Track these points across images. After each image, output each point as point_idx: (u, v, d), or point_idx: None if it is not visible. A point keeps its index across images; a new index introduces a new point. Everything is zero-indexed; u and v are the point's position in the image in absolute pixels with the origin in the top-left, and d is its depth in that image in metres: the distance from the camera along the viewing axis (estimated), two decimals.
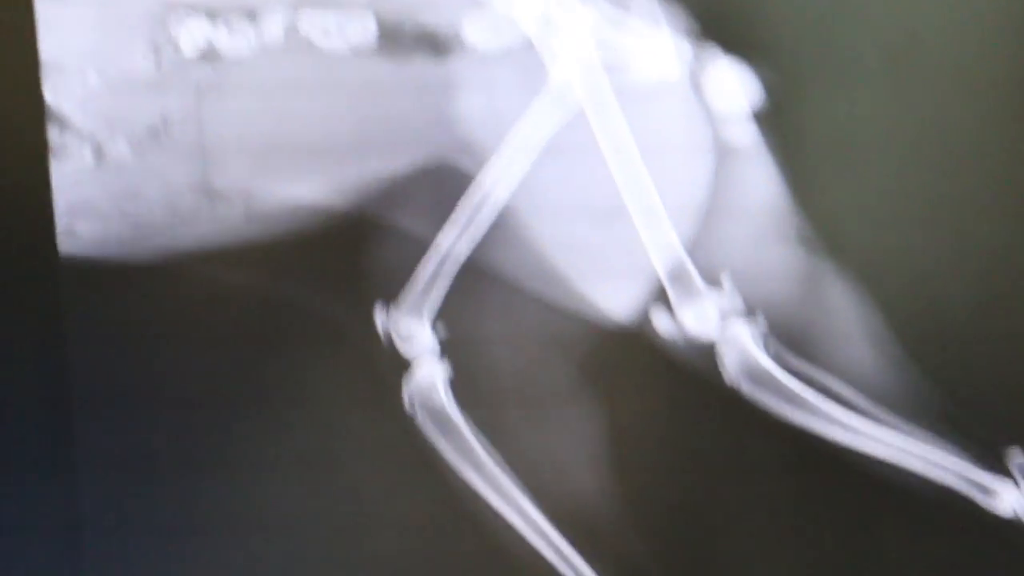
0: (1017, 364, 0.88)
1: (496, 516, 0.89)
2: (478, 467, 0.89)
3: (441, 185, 0.88)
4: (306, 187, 0.88)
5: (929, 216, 0.87)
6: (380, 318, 0.89)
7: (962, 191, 0.87)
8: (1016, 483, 0.88)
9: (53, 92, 0.88)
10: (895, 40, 0.86)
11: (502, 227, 0.89)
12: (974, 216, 0.87)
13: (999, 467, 0.88)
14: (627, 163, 0.88)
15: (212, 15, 0.87)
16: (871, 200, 0.87)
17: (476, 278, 0.89)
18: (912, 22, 0.86)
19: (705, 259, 0.88)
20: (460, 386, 0.89)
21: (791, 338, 0.88)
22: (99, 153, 0.88)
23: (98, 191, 0.88)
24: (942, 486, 0.88)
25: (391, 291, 0.89)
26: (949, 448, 0.88)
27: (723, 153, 0.88)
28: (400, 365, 0.89)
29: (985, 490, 0.88)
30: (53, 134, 0.88)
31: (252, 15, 0.87)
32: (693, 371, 0.89)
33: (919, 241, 0.88)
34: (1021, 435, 0.88)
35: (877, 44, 0.86)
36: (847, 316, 0.88)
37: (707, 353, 0.88)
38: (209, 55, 0.87)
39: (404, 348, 0.88)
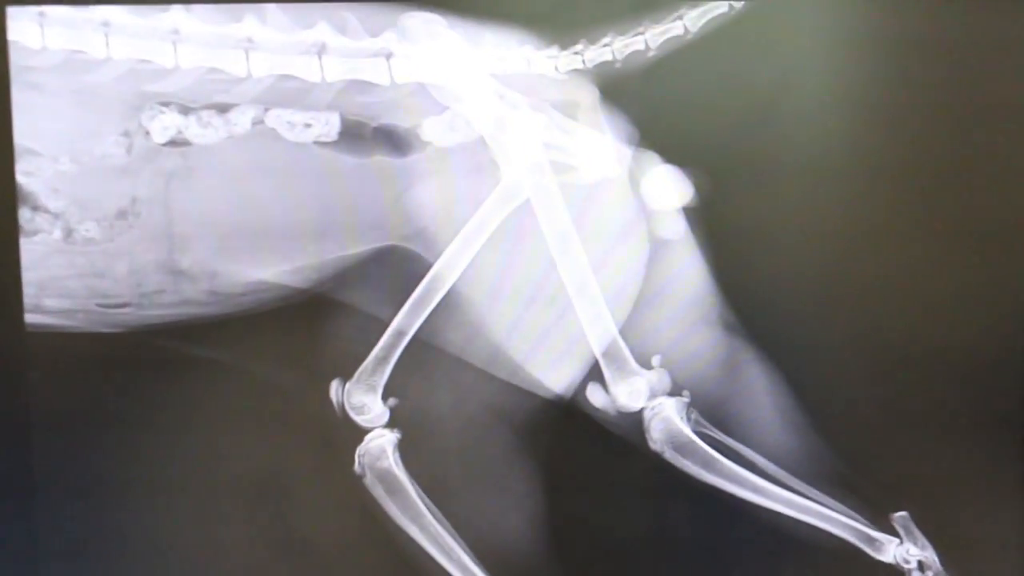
0: (903, 442, 1.01)
1: (438, 568, 1.01)
2: (422, 525, 1.01)
3: (395, 268, 1.00)
4: (267, 268, 0.99)
5: (834, 306, 1.00)
6: (335, 389, 1.00)
7: (862, 283, 1.00)
8: (899, 537, 1.02)
9: (25, 174, 0.97)
10: (806, 148, 1.00)
11: (451, 307, 1.00)
12: (873, 306, 1.01)
13: (885, 524, 1.02)
14: (569, 252, 1.00)
15: (184, 109, 0.97)
16: (786, 289, 1.00)
17: (425, 353, 1.00)
18: (820, 133, 0.99)
19: (638, 341, 1.01)
20: (407, 451, 1.01)
21: (711, 411, 1.01)
22: (68, 233, 0.98)
23: (66, 269, 0.98)
24: (837, 538, 1.01)
25: (346, 364, 1.00)
26: (844, 508, 1.01)
27: (656, 245, 1.00)
28: (353, 433, 1.00)
29: (872, 542, 1.02)
30: (24, 214, 0.97)
31: (222, 109, 0.97)
32: (622, 439, 1.01)
33: (824, 327, 1.01)
34: (903, 499, 1.02)
35: (790, 151, 1.00)
36: (761, 393, 1.00)
37: (636, 424, 1.01)
38: (178, 142, 0.98)
39: (356, 418, 1.00)
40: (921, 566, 1.03)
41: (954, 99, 1.00)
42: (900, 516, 1.02)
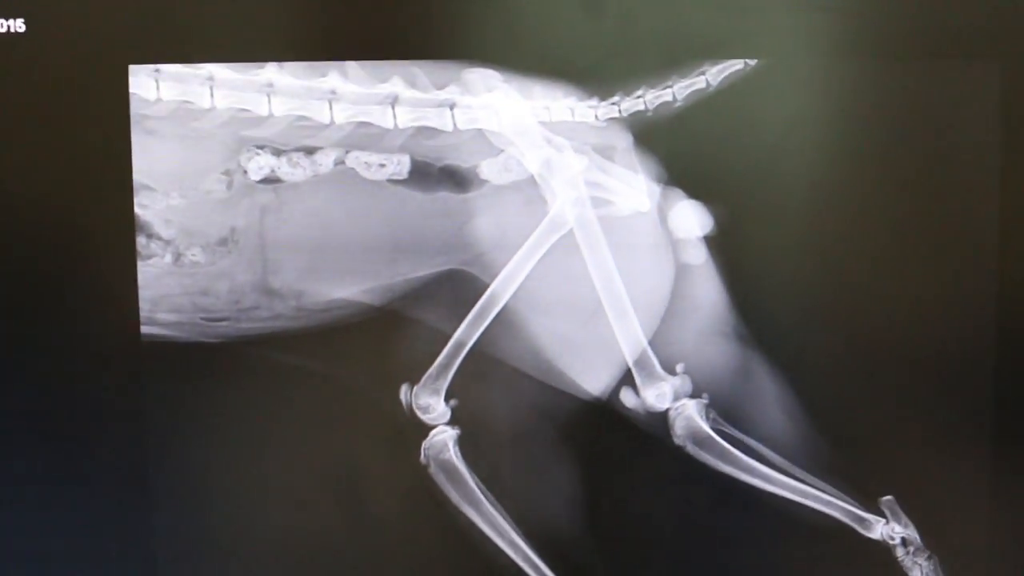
0: (889, 436, 1.07)
1: (492, 546, 1.07)
2: (478, 507, 1.07)
3: (457, 288, 1.05)
4: (347, 287, 1.04)
5: (831, 319, 1.06)
6: (404, 392, 1.06)
7: (856, 300, 1.06)
8: (886, 518, 1.08)
9: (142, 207, 1.03)
10: (810, 185, 1.05)
11: (505, 322, 1.06)
12: (865, 321, 1.06)
13: (874, 507, 1.08)
14: (606, 274, 1.05)
15: (276, 152, 1.03)
16: (792, 306, 1.06)
17: (482, 362, 1.06)
18: (822, 172, 1.05)
19: (664, 350, 1.06)
20: (466, 445, 1.07)
21: (726, 411, 1.07)
22: (177, 257, 1.04)
23: (175, 288, 1.04)
24: (833, 519, 1.08)
25: (414, 371, 1.06)
26: (838, 493, 1.08)
27: (680, 269, 1.05)
28: (419, 430, 1.06)
29: (863, 522, 1.08)
30: (141, 241, 1.03)
31: (309, 151, 1.04)
32: (650, 435, 1.07)
33: (822, 338, 1.06)
34: (889, 485, 1.08)
35: (797, 188, 1.05)
36: (769, 395, 1.06)
37: (662, 422, 1.07)
38: (271, 180, 1.04)
39: (422, 416, 1.06)
40: (904, 542, 1.08)
41: (932, 144, 1.05)
42: (887, 500, 1.08)
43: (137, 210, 1.04)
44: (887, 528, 1.09)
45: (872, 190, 1.06)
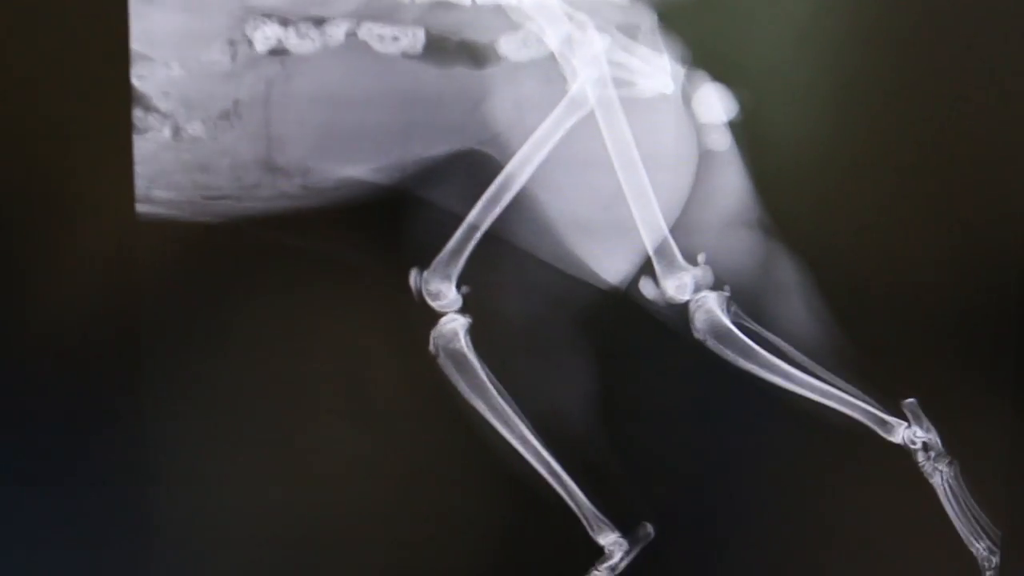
0: (915, 337, 1.08)
1: (502, 440, 1.06)
2: (488, 401, 1.06)
3: (471, 169, 1.03)
4: (356, 166, 1.02)
5: (857, 211, 1.06)
6: (414, 277, 1.04)
7: (882, 192, 1.06)
8: (907, 421, 1.09)
9: (140, 78, 1.00)
10: (840, 69, 1.05)
11: (520, 205, 1.04)
12: (893, 212, 1.07)
13: (896, 409, 1.09)
14: (627, 159, 1.04)
15: (284, 21, 1.00)
16: (817, 196, 1.06)
17: (496, 247, 1.05)
18: (853, 56, 1.05)
19: (685, 239, 1.06)
20: (477, 334, 1.05)
21: (748, 304, 1.07)
22: (176, 131, 1.01)
23: (174, 163, 1.01)
24: (853, 420, 1.09)
25: (424, 255, 1.04)
26: (860, 393, 1.08)
27: (704, 155, 1.05)
28: (428, 317, 1.05)
29: (884, 424, 1.09)
30: (137, 114, 1.00)
31: (319, 22, 1.00)
32: (670, 328, 1.07)
33: (849, 230, 1.06)
34: (912, 387, 1.09)
35: (826, 72, 1.05)
36: (792, 289, 1.06)
37: (681, 314, 1.07)
38: (278, 52, 1.00)
39: (433, 303, 1.04)
40: (925, 447, 1.09)
41: (972, 28, 1.05)
42: (909, 403, 1.09)
43: (134, 81, 1.01)
44: (908, 432, 1.10)
45: (908, 76, 1.06)
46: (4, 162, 1.01)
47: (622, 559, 1.10)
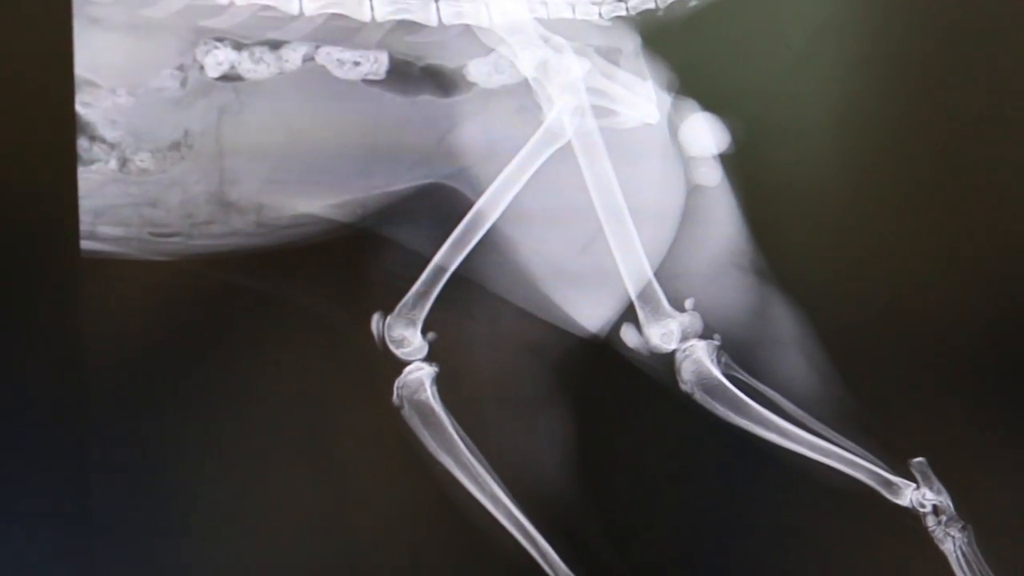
0: (924, 391, 1.04)
1: (470, 499, 1.02)
2: (457, 456, 1.02)
3: (438, 205, 1.01)
4: (314, 201, 1.00)
5: (861, 255, 1.03)
6: (376, 322, 1.01)
7: (888, 233, 1.03)
8: (916, 482, 1.04)
9: (84, 106, 0.97)
10: (837, 98, 1.02)
11: (491, 245, 1.01)
12: (898, 255, 1.03)
13: (903, 469, 1.04)
14: (608, 195, 1.01)
15: (237, 45, 0.98)
16: (816, 237, 1.03)
17: (465, 289, 1.01)
18: (850, 84, 1.02)
19: (672, 283, 1.02)
20: (444, 385, 1.02)
21: (740, 354, 1.03)
22: (123, 163, 0.98)
23: (121, 197, 0.98)
24: (856, 481, 1.04)
25: (388, 299, 1.01)
26: (863, 452, 1.04)
27: (692, 191, 1.02)
28: (392, 366, 1.01)
29: (890, 486, 1.04)
30: (82, 144, 0.97)
31: (274, 46, 0.98)
32: (654, 380, 1.03)
33: (851, 276, 1.03)
34: (922, 445, 1.04)
35: (822, 101, 1.02)
36: (789, 338, 1.03)
37: (667, 365, 1.03)
38: (231, 78, 0.98)
39: (396, 351, 1.01)
40: (936, 510, 1.04)
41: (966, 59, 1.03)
42: (918, 462, 1.04)
43: (78, 108, 0.98)
44: (917, 494, 1.05)
45: (907, 106, 1.04)
46: None
47: None
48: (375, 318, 1.01)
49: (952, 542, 1.05)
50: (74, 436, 1.01)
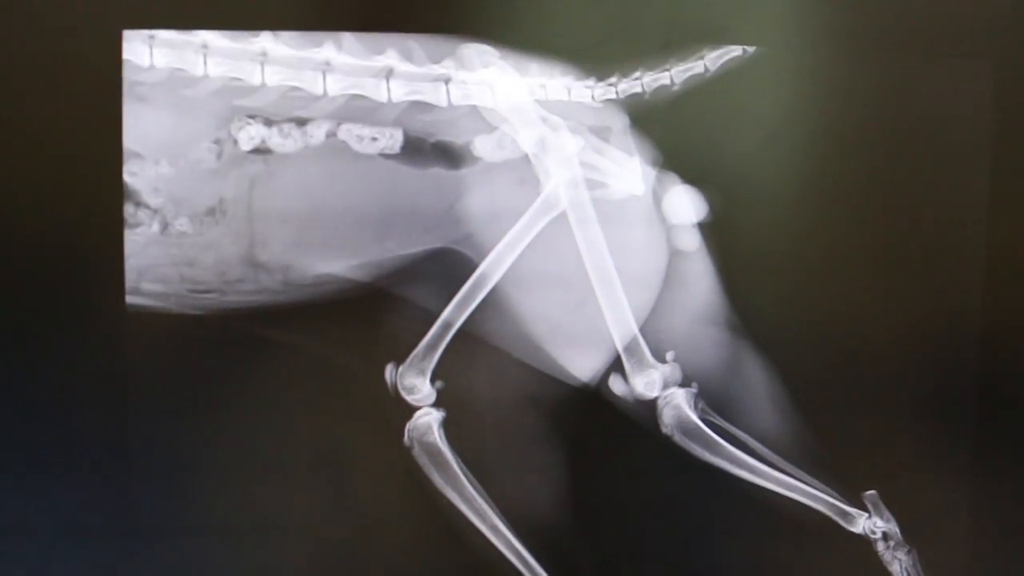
0: (875, 431, 1.09)
1: (474, 531, 1.06)
2: (461, 492, 1.05)
3: (446, 267, 1.04)
4: (335, 263, 1.03)
5: (821, 310, 1.07)
6: (389, 372, 1.04)
7: (845, 292, 1.07)
8: (868, 512, 1.09)
9: (131, 175, 1.01)
10: (804, 173, 1.06)
11: (494, 303, 1.05)
12: (854, 312, 1.07)
13: (857, 501, 1.09)
14: (598, 259, 1.04)
15: (268, 121, 1.02)
16: (783, 296, 1.06)
17: (470, 343, 1.05)
18: (816, 160, 1.06)
19: (654, 337, 1.06)
20: (451, 428, 1.05)
21: (715, 400, 1.07)
22: (165, 226, 1.02)
23: (162, 257, 1.02)
24: (816, 512, 1.08)
25: (400, 350, 1.04)
26: (823, 486, 1.08)
27: (674, 255, 1.06)
28: (403, 410, 1.05)
29: (846, 516, 1.08)
30: (128, 209, 1.01)
31: (301, 122, 1.02)
32: (638, 423, 1.07)
33: (812, 329, 1.07)
34: (872, 479, 1.09)
35: (791, 176, 1.06)
36: (758, 386, 1.07)
37: (650, 410, 1.06)
38: (261, 151, 1.02)
39: (407, 397, 1.05)
40: (885, 536, 1.09)
41: (924, 139, 1.07)
42: (870, 494, 1.09)
43: (126, 177, 1.02)
44: (869, 522, 1.10)
45: (866, 182, 1.08)
46: (1, 255, 1.03)
47: None
48: (389, 368, 1.05)
49: (899, 564, 1.10)
50: (119, 470, 1.05)
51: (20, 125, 1.02)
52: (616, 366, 1.07)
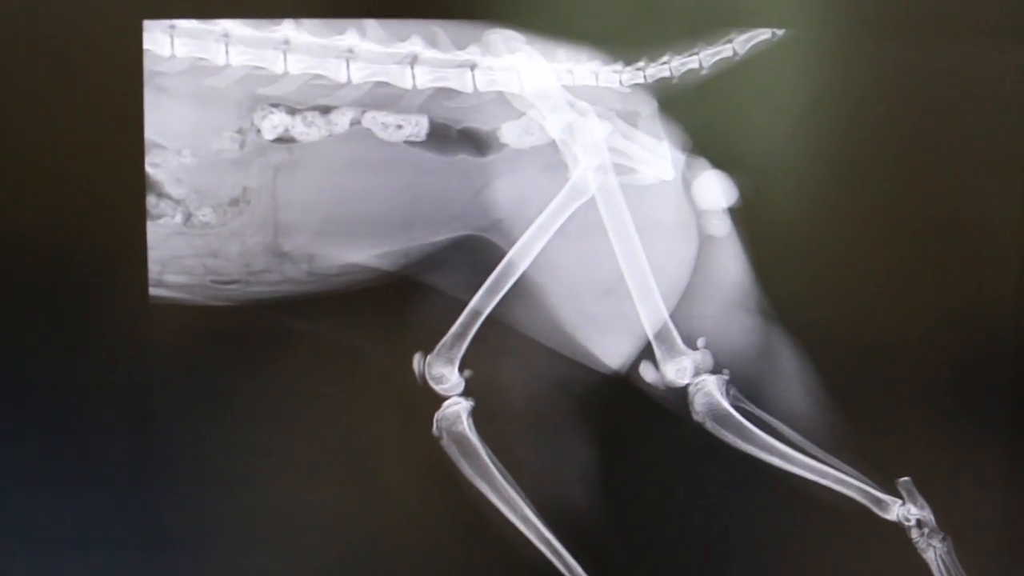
0: (909, 416, 1.08)
1: (503, 519, 1.06)
2: (491, 481, 1.05)
3: (474, 255, 1.03)
4: (360, 252, 1.03)
5: (854, 296, 1.06)
6: (417, 361, 1.04)
7: (879, 277, 1.06)
8: (902, 499, 1.08)
9: (153, 166, 1.01)
10: (835, 156, 1.05)
11: (522, 291, 1.04)
12: (888, 296, 1.06)
13: (891, 488, 1.08)
14: (627, 245, 1.04)
15: (291, 110, 1.01)
16: (815, 281, 1.05)
17: (498, 331, 1.04)
18: (847, 143, 1.05)
19: (685, 324, 1.05)
20: (480, 417, 1.05)
21: (747, 387, 1.06)
22: (188, 217, 1.01)
23: (185, 249, 1.02)
24: (850, 499, 1.08)
25: (428, 340, 1.04)
26: (856, 473, 1.07)
27: (704, 241, 1.05)
28: (432, 400, 1.04)
29: (879, 503, 1.08)
30: (151, 200, 1.01)
31: (325, 110, 1.01)
32: (669, 411, 1.06)
33: (845, 314, 1.06)
34: (907, 466, 1.08)
35: (822, 159, 1.05)
36: (790, 372, 1.05)
37: (681, 397, 1.06)
38: (285, 139, 1.01)
39: (436, 387, 1.04)
40: (919, 523, 1.08)
41: (959, 121, 1.06)
42: (904, 481, 1.08)
43: (148, 168, 1.02)
44: (903, 509, 1.09)
45: (898, 167, 1.06)
46: (24, 248, 1.03)
47: None
48: (417, 357, 1.05)
49: (933, 551, 1.09)
50: (144, 462, 1.05)
51: (41, 117, 1.02)
52: (647, 353, 1.07)
